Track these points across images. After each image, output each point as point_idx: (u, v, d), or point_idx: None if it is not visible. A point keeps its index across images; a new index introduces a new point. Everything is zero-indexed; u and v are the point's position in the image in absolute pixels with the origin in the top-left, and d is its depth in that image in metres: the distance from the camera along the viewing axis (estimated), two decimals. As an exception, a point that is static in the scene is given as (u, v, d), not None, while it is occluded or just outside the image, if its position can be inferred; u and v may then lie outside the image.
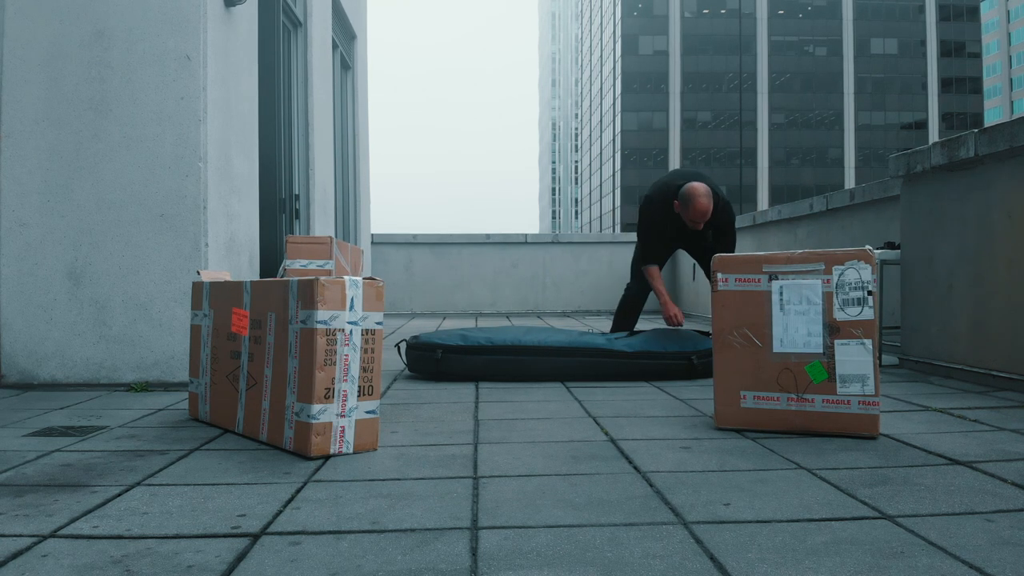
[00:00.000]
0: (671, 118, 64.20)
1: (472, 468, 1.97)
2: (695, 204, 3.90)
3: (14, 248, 3.43)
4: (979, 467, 1.94)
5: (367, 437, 2.15)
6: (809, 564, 1.31)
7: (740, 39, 58.07)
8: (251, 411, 2.33)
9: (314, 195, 5.73)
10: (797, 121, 63.68)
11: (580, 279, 9.73)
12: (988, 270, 3.36)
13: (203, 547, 1.41)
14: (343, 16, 7.24)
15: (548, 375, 3.62)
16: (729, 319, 2.43)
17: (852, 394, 2.28)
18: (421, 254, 9.68)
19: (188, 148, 3.43)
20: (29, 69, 3.43)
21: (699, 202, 3.89)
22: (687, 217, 3.96)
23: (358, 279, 2.15)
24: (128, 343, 3.43)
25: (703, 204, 3.89)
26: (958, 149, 3.49)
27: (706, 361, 3.59)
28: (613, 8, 68.18)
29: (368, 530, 1.50)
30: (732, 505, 1.64)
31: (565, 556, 1.35)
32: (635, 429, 2.46)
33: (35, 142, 3.43)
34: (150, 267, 3.43)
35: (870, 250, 2.30)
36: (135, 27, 3.43)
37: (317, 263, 4.35)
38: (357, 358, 2.13)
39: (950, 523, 1.51)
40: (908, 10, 63.98)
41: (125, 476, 1.91)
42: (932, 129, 62.67)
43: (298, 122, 5.59)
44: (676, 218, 4.06)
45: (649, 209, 4.21)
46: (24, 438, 2.36)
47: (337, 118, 7.18)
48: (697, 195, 3.90)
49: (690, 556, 1.35)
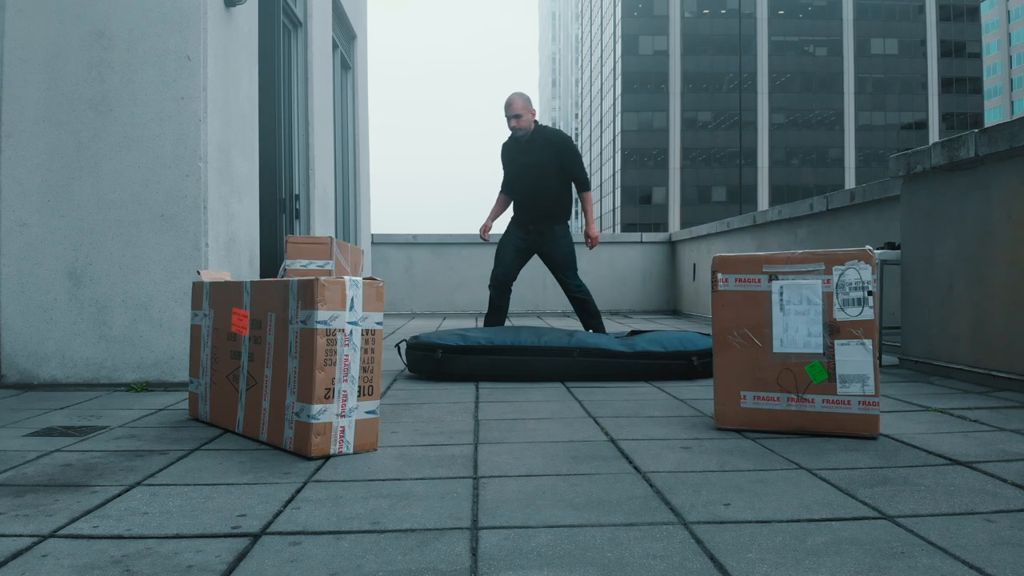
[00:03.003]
0: (671, 118, 64.20)
1: (472, 468, 1.97)
2: (508, 99, 4.71)
3: (14, 248, 3.43)
4: (979, 467, 1.94)
5: (367, 437, 2.16)
6: (809, 564, 1.31)
7: (740, 39, 58.07)
8: (251, 411, 2.33)
9: (314, 195, 5.73)
10: (797, 121, 63.67)
11: (580, 279, 9.72)
12: (988, 270, 3.36)
13: (203, 547, 1.41)
14: (343, 16, 7.24)
15: (548, 375, 3.62)
16: (729, 319, 2.43)
17: (852, 394, 2.28)
18: (421, 254, 9.67)
19: (188, 148, 3.43)
20: (29, 69, 3.43)
21: (510, 97, 4.71)
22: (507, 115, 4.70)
23: (358, 279, 2.15)
24: (128, 343, 3.43)
25: (512, 97, 4.69)
26: (958, 149, 3.49)
27: (706, 361, 3.60)
28: (613, 8, 68.18)
29: (368, 530, 1.50)
30: (732, 505, 1.64)
31: (565, 556, 1.35)
32: (635, 429, 2.46)
33: (35, 142, 3.43)
34: (150, 267, 3.43)
35: (870, 250, 2.30)
36: (135, 27, 3.44)
37: (317, 263, 4.35)
38: (357, 358, 2.13)
39: (950, 523, 1.51)
40: (908, 10, 63.97)
41: (125, 476, 1.91)
42: (932, 129, 62.66)
43: (298, 122, 5.59)
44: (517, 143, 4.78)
45: (503, 146, 4.94)
46: (24, 438, 2.36)
47: (337, 118, 7.18)
48: (511, 94, 4.77)
49: (690, 556, 1.35)
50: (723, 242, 8.04)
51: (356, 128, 7.91)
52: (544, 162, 4.67)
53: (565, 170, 4.72)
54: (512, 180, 4.85)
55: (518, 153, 4.76)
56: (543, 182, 4.69)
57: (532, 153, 4.69)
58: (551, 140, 4.72)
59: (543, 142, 4.70)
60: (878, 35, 63.56)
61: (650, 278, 9.83)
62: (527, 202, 4.78)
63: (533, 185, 4.72)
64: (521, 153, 4.74)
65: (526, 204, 4.79)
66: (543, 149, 4.68)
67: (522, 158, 4.73)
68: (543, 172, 4.67)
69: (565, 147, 4.72)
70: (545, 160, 4.67)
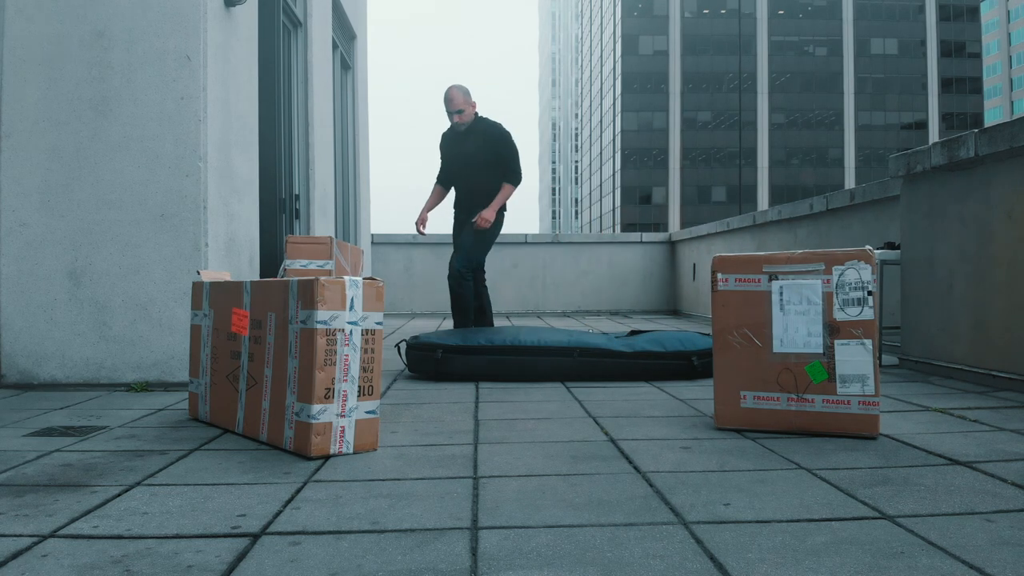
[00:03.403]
0: (671, 118, 64.19)
1: (472, 468, 1.97)
2: (446, 93, 4.65)
3: (14, 248, 3.43)
4: (979, 467, 1.94)
5: (367, 437, 2.16)
6: (809, 564, 1.31)
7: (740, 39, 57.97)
8: (251, 411, 2.33)
9: (314, 195, 5.73)
10: (797, 121, 63.67)
11: (580, 279, 9.73)
12: (988, 270, 3.36)
13: (203, 547, 1.41)
14: (343, 16, 7.24)
15: (548, 375, 3.62)
16: (729, 319, 2.43)
17: (852, 394, 2.28)
18: (421, 254, 9.67)
19: (188, 148, 3.43)
20: (29, 69, 3.43)
21: (448, 91, 4.63)
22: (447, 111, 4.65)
23: (358, 279, 2.15)
24: (128, 343, 3.43)
25: (451, 91, 4.62)
26: (958, 149, 3.49)
27: (706, 361, 3.60)
28: (613, 8, 68.17)
29: (368, 530, 1.50)
30: (732, 505, 1.64)
31: (565, 556, 1.35)
32: (635, 429, 2.46)
33: (35, 142, 3.43)
34: (150, 267, 3.43)
35: (870, 250, 2.30)
36: (135, 27, 3.43)
37: (317, 263, 4.35)
38: (357, 358, 2.13)
39: (950, 523, 1.51)
40: (908, 10, 63.97)
41: (125, 476, 1.91)
42: (932, 129, 62.65)
43: (298, 122, 5.59)
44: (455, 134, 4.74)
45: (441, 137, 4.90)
46: (24, 438, 2.36)
47: (337, 118, 7.18)
48: (449, 87, 4.68)
49: (690, 556, 1.35)
50: (723, 242, 8.04)
51: (356, 128, 7.91)
52: (481, 154, 4.62)
53: (500, 162, 4.62)
54: (449, 171, 4.81)
55: (456, 144, 4.72)
56: (479, 174, 4.64)
57: (470, 144, 4.65)
58: (488, 132, 4.65)
59: (481, 134, 4.64)
60: (878, 35, 63.55)
61: (650, 278, 9.83)
62: (463, 193, 4.76)
63: (470, 176, 4.69)
64: (459, 144, 4.70)
65: (462, 195, 4.77)
66: (481, 141, 4.63)
67: (460, 149, 4.70)
68: (479, 163, 4.62)
69: (503, 140, 4.64)
70: (482, 152, 4.62)
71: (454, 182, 4.82)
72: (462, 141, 4.69)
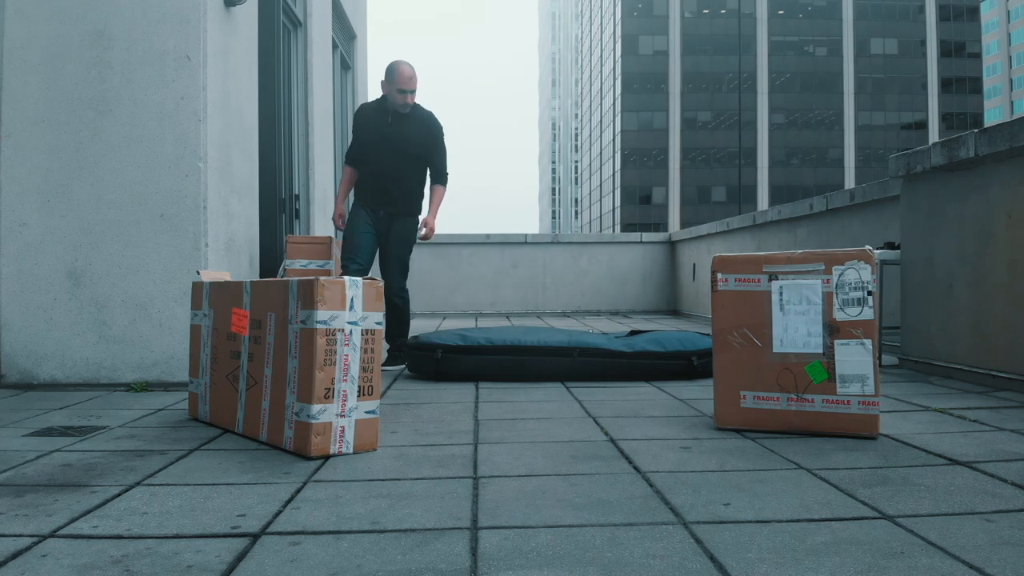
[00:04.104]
0: (671, 118, 64.19)
1: (472, 468, 1.97)
2: (399, 69, 3.98)
3: (14, 248, 3.43)
4: (979, 467, 1.94)
5: (367, 437, 2.15)
6: (809, 564, 1.31)
7: (740, 39, 58.00)
8: (251, 411, 2.33)
9: (314, 195, 5.73)
10: (797, 121, 63.67)
11: (580, 279, 9.73)
12: (988, 270, 3.36)
13: (203, 547, 1.41)
14: (343, 16, 7.24)
15: (548, 375, 3.62)
16: (729, 319, 2.43)
17: (852, 394, 2.28)
18: (421, 254, 9.66)
19: (188, 148, 3.43)
20: (29, 69, 3.43)
21: (402, 67, 3.98)
22: (395, 88, 3.98)
23: (358, 279, 2.15)
24: (128, 343, 3.43)
25: (407, 68, 3.99)
26: (958, 149, 3.49)
27: (706, 361, 3.60)
28: (613, 8, 68.18)
29: (368, 530, 1.50)
30: (732, 505, 1.64)
31: (565, 556, 1.35)
32: (635, 429, 2.46)
33: (35, 142, 3.43)
34: (150, 267, 3.43)
35: (870, 250, 2.30)
36: (135, 27, 3.43)
37: (317, 263, 4.36)
38: (357, 358, 2.13)
39: (950, 523, 1.51)
40: (908, 10, 63.97)
41: (125, 476, 1.91)
42: (932, 129, 62.65)
43: (298, 122, 5.59)
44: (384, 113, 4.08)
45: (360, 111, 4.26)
46: (24, 438, 2.36)
47: (337, 118, 7.18)
48: (400, 62, 4.00)
49: (690, 556, 1.35)
50: (723, 242, 8.04)
51: (356, 128, 7.89)
52: (416, 141, 4.06)
53: (431, 157, 4.13)
54: (370, 153, 4.10)
55: (386, 125, 4.05)
56: (408, 163, 4.08)
57: (406, 129, 4.04)
58: (427, 121, 4.10)
59: (419, 120, 4.08)
60: (878, 35, 63.55)
61: (650, 278, 9.83)
62: (383, 182, 4.07)
63: (398, 164, 4.06)
64: (391, 125, 4.04)
65: (381, 184, 4.08)
66: (418, 127, 4.07)
67: (392, 130, 4.03)
68: (412, 152, 4.07)
69: (440, 133, 4.15)
70: (418, 139, 4.06)
71: (372, 166, 4.09)
72: (396, 123, 4.03)
